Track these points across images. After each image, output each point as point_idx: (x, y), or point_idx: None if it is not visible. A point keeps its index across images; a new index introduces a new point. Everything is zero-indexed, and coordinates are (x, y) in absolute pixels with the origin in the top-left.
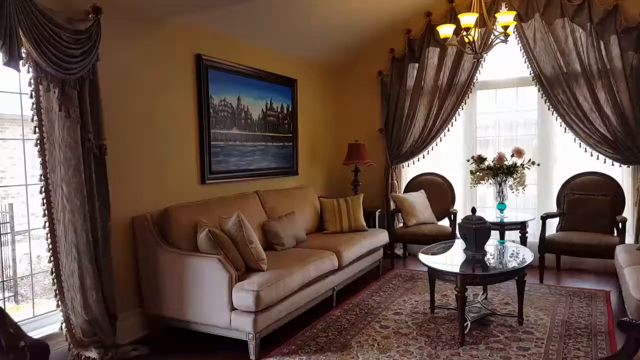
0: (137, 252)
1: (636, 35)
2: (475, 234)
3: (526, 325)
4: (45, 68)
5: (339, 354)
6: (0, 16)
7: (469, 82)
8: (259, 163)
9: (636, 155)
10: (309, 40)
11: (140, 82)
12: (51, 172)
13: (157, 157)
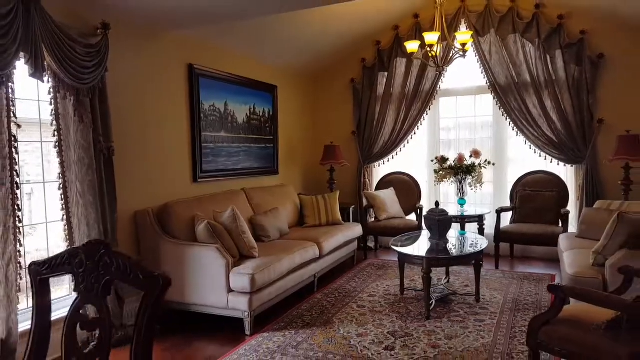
0: (140, 243)
1: (577, 50)
2: (439, 225)
3: (482, 302)
4: (63, 78)
5: (322, 328)
6: (27, 34)
7: (433, 90)
8: (243, 163)
9: (578, 156)
10: (287, 50)
11: (140, 90)
12: (67, 170)
13: (155, 158)
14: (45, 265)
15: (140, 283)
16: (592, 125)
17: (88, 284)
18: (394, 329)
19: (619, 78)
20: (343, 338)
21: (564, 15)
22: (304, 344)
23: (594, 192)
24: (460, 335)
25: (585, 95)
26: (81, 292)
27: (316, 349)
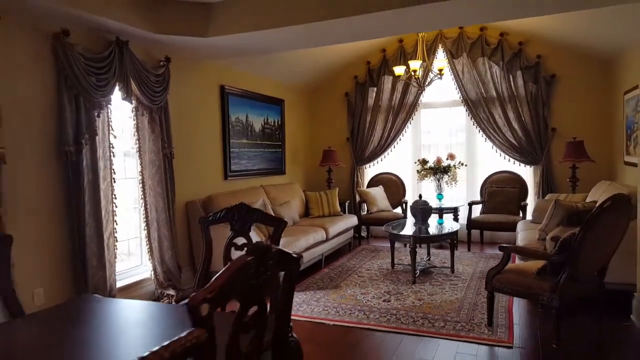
0: (190, 226)
1: (534, 71)
2: (422, 212)
3: (456, 273)
4: (142, 101)
5: (334, 290)
6: (121, 69)
7: (415, 103)
8: (259, 164)
9: (535, 158)
10: (293, 70)
11: (187, 107)
12: (144, 170)
13: (197, 160)
14: (209, 218)
15: (270, 222)
16: (546, 133)
17: (238, 226)
18: (389, 289)
19: (568, 94)
20: (350, 295)
21: (524, 42)
22: (322, 300)
23: (549, 187)
24: (439, 292)
25: (541, 108)
26: (235, 230)
27: (332, 302)
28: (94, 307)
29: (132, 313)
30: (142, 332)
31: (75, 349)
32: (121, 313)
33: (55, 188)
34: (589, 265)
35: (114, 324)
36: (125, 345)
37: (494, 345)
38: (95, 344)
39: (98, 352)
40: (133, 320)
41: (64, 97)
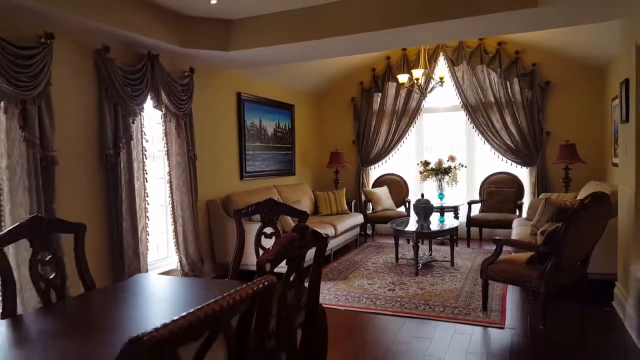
0: (211, 222)
1: (529, 78)
2: (424, 210)
3: (455, 267)
4: (170, 108)
5: (343, 281)
6: (152, 80)
7: (418, 108)
8: (272, 166)
9: (531, 160)
10: (302, 77)
11: (208, 113)
12: (171, 171)
13: (217, 162)
14: (242, 211)
15: (294, 213)
16: (541, 136)
17: (267, 217)
18: (393, 280)
19: (561, 100)
20: (358, 286)
21: (520, 51)
22: (332, 289)
23: (544, 187)
24: (439, 283)
25: (536, 113)
26: (264, 221)
27: (341, 290)
28: (151, 282)
29: (185, 285)
30: (204, 294)
31: (150, 309)
32: (176, 284)
33: (97, 186)
34: (572, 255)
35: (176, 291)
36: (194, 300)
37: (488, 326)
38: (164, 304)
39: (173, 307)
40: (191, 288)
41: (104, 106)
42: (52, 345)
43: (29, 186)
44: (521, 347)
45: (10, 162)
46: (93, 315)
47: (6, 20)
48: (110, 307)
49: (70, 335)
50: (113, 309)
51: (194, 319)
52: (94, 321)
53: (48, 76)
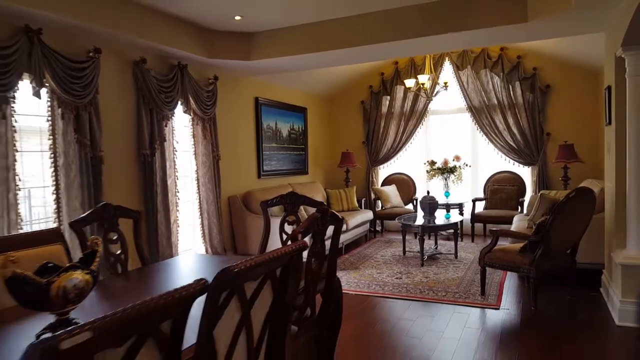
0: (232, 216)
1: (530, 82)
2: (429, 206)
3: (459, 259)
4: (198, 113)
5: (354, 270)
6: (182, 87)
7: (424, 110)
8: (286, 165)
9: (532, 159)
10: (315, 81)
11: (230, 116)
12: (198, 169)
13: (237, 161)
14: (268, 202)
15: (314, 205)
16: (542, 137)
17: (290, 207)
18: (400, 270)
19: (561, 102)
20: (368, 274)
21: (521, 55)
22: (344, 277)
23: (544, 185)
24: (443, 273)
25: (537, 115)
26: (287, 211)
27: (352, 278)
28: (196, 259)
29: (223, 259)
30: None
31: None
32: (215, 259)
33: (135, 183)
34: (560, 243)
35: (216, 263)
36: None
37: (484, 307)
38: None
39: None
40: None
41: (142, 111)
42: (129, 297)
43: (81, 182)
44: (513, 324)
45: (66, 160)
46: (155, 281)
47: (62, 38)
48: (166, 275)
49: (142, 292)
50: (169, 277)
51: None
52: (155, 284)
53: (96, 86)
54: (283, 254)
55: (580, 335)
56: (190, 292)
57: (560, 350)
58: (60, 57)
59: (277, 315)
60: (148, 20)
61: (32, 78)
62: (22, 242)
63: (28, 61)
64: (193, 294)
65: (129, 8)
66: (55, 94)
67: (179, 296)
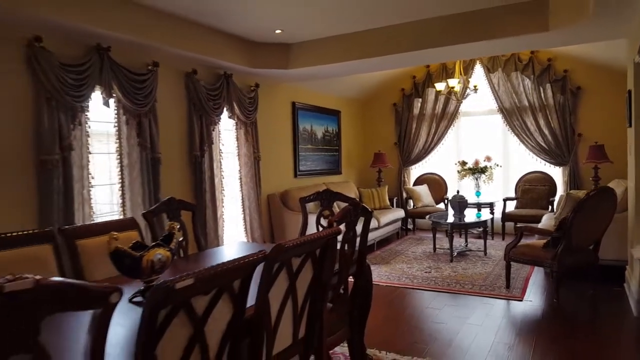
0: (271, 213)
1: (561, 84)
2: (459, 205)
3: (488, 256)
4: (241, 118)
5: (385, 265)
6: (228, 95)
7: (456, 112)
8: (321, 166)
9: (563, 160)
10: (348, 86)
11: (269, 120)
12: (241, 169)
13: (275, 161)
14: (306, 198)
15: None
16: (573, 137)
17: (325, 202)
18: (430, 265)
19: (592, 104)
20: (399, 269)
21: (552, 58)
22: (375, 270)
23: (575, 185)
24: (471, 268)
25: (568, 116)
26: (323, 206)
27: (384, 272)
28: (245, 245)
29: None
30: None
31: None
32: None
33: (187, 181)
34: (581, 239)
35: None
36: None
37: (509, 299)
38: None
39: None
40: None
41: (192, 117)
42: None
43: (141, 180)
44: (534, 314)
45: (129, 161)
46: (212, 261)
47: (126, 54)
48: (221, 257)
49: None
50: (223, 258)
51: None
52: (213, 263)
53: (155, 95)
54: (321, 237)
55: (598, 324)
56: (253, 259)
57: (576, 337)
58: (126, 70)
59: (316, 289)
60: (199, 36)
61: (103, 90)
62: (107, 228)
63: (99, 75)
64: (256, 261)
65: (183, 25)
66: (121, 103)
67: (245, 261)
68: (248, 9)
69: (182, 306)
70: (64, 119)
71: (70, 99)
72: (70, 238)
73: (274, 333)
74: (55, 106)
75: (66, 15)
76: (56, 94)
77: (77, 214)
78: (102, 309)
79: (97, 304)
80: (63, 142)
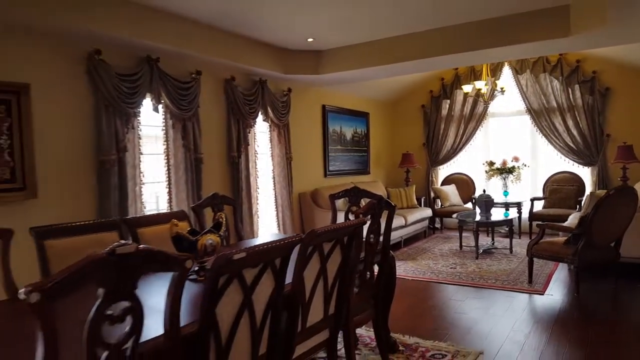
0: (302, 210)
1: (590, 85)
2: (485, 204)
3: (514, 254)
4: (274, 121)
5: (412, 261)
6: (263, 100)
7: (484, 113)
8: (349, 166)
9: (591, 160)
10: (377, 89)
11: (300, 123)
12: (274, 169)
13: (305, 162)
14: (335, 196)
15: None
16: (602, 138)
17: (353, 199)
18: (455, 262)
19: (620, 104)
20: (425, 264)
21: (580, 60)
22: (402, 266)
23: (604, 185)
24: (495, 264)
25: (596, 117)
26: (351, 202)
27: (410, 267)
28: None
29: None
30: None
31: None
32: None
33: (225, 180)
34: (602, 235)
35: None
36: None
37: (530, 293)
38: None
39: None
40: None
41: (230, 121)
42: None
43: (185, 178)
44: (553, 306)
45: (175, 161)
46: None
47: (172, 64)
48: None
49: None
50: None
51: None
52: None
53: (198, 101)
54: (348, 226)
55: (614, 317)
56: (291, 241)
57: (591, 327)
58: (172, 79)
59: (344, 272)
60: (238, 45)
61: (152, 97)
62: (162, 219)
63: (150, 84)
64: (293, 242)
65: (223, 36)
66: (169, 108)
67: (284, 242)
68: (282, 20)
69: (236, 276)
70: (119, 123)
71: (125, 106)
72: (132, 226)
73: (308, 308)
74: (112, 112)
75: (121, 30)
76: (113, 102)
77: (130, 208)
78: (179, 272)
79: (176, 267)
80: (119, 144)
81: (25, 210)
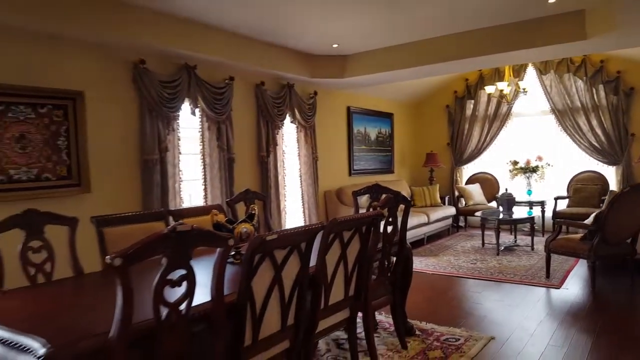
0: (327, 208)
1: (614, 85)
2: (507, 202)
3: (535, 251)
4: (301, 122)
5: (433, 257)
6: (290, 102)
7: (508, 113)
8: (374, 165)
9: (616, 159)
10: (401, 90)
11: (326, 124)
12: (301, 168)
13: (332, 161)
14: (357, 192)
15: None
16: (626, 137)
17: (374, 195)
18: (476, 258)
19: None
20: (446, 260)
21: (604, 60)
22: (424, 261)
23: (627, 184)
24: (516, 261)
25: (621, 116)
26: (372, 197)
27: (431, 262)
28: None
29: None
30: None
31: None
32: None
33: (255, 178)
34: (617, 232)
35: None
36: None
37: (547, 287)
38: None
39: None
40: None
41: (260, 123)
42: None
43: (219, 176)
44: (568, 299)
45: (211, 160)
46: None
47: (208, 71)
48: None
49: None
50: None
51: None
52: None
53: (231, 104)
54: (367, 216)
55: (626, 307)
56: (314, 227)
57: (603, 313)
58: (208, 85)
59: (362, 259)
60: (267, 52)
61: (190, 101)
62: (202, 211)
63: (188, 90)
64: (316, 229)
65: (254, 44)
66: (205, 112)
67: (309, 228)
68: (309, 29)
69: (268, 255)
70: (161, 126)
71: (166, 110)
72: (176, 217)
73: (330, 288)
74: (154, 116)
75: (163, 41)
76: (156, 106)
77: (171, 203)
78: (224, 248)
79: (221, 243)
80: (161, 144)
81: (80, 203)
